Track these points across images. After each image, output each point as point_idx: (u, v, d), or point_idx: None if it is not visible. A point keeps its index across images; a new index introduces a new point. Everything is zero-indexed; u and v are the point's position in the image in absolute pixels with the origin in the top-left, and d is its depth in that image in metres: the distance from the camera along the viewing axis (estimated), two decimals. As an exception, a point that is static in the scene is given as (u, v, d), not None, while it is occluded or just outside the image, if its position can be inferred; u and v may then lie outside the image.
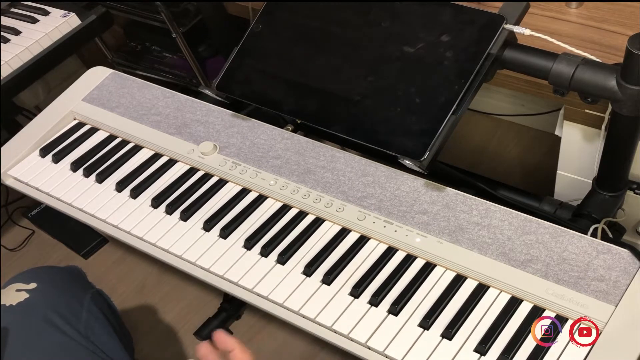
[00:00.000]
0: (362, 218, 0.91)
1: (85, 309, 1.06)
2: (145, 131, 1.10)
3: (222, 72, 1.04)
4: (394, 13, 0.95)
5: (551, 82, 0.84)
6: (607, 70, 0.81)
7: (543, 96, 1.07)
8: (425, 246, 0.87)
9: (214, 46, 1.78)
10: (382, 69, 0.94)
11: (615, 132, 0.92)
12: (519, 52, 0.88)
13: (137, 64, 1.88)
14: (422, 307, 0.83)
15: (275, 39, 1.03)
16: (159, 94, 1.16)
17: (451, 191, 0.91)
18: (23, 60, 1.39)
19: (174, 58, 1.85)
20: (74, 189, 1.06)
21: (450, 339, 0.79)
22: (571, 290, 0.79)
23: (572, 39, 1.03)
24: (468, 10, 0.91)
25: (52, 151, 1.12)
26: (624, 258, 0.80)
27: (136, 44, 1.93)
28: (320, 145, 1.01)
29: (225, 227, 0.95)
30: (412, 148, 0.87)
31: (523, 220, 0.86)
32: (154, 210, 1.00)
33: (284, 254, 0.90)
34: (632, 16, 1.06)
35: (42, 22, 1.46)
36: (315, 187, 0.96)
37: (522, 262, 0.82)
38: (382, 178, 0.95)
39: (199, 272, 0.93)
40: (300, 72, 1.00)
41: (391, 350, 0.79)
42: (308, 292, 0.86)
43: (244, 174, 1.00)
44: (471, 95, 0.87)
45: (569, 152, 1.17)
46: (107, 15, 1.52)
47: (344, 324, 0.82)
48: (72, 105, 1.18)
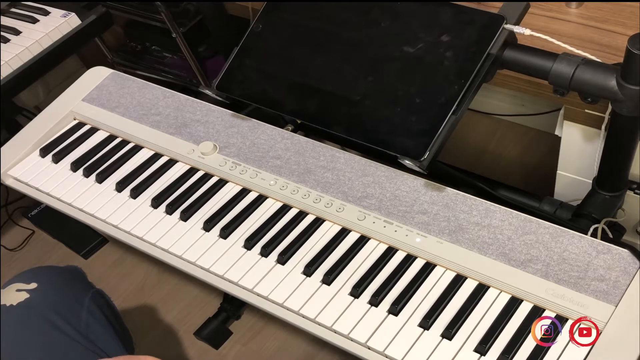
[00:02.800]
0: (362, 218, 0.91)
1: (85, 308, 1.06)
2: (145, 131, 1.10)
3: (222, 72, 1.04)
4: (394, 13, 0.95)
5: (551, 82, 0.84)
6: (607, 70, 0.81)
7: (543, 96, 1.07)
8: (425, 246, 0.87)
9: (214, 46, 1.78)
10: (382, 69, 0.94)
11: (615, 132, 0.92)
12: (519, 52, 0.87)
13: (137, 64, 1.88)
14: (422, 307, 0.83)
15: (276, 39, 1.03)
16: (159, 94, 1.16)
17: (451, 191, 0.91)
18: (23, 60, 1.39)
19: (174, 58, 1.85)
20: (74, 189, 1.06)
21: (450, 339, 0.79)
22: (571, 290, 0.79)
23: (572, 39, 1.03)
24: (468, 10, 0.91)
25: (52, 151, 1.12)
26: (624, 258, 0.80)
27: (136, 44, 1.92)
28: (320, 145, 1.01)
29: (225, 227, 0.95)
30: (412, 148, 0.87)
31: (523, 220, 0.86)
32: (154, 210, 1.00)
33: (284, 254, 0.90)
34: (632, 16, 1.06)
35: (42, 22, 1.46)
36: (315, 187, 0.96)
37: (522, 262, 0.82)
38: (382, 178, 0.95)
39: (199, 272, 0.93)
40: (300, 72, 1.00)
41: (391, 350, 0.79)
42: (308, 292, 0.86)
43: (244, 174, 1.00)
44: (471, 95, 0.87)
45: (569, 152, 1.17)
46: (107, 15, 1.52)
47: (344, 324, 0.82)
48: (72, 105, 1.18)
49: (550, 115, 1.54)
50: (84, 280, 1.19)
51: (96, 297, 1.11)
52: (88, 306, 1.07)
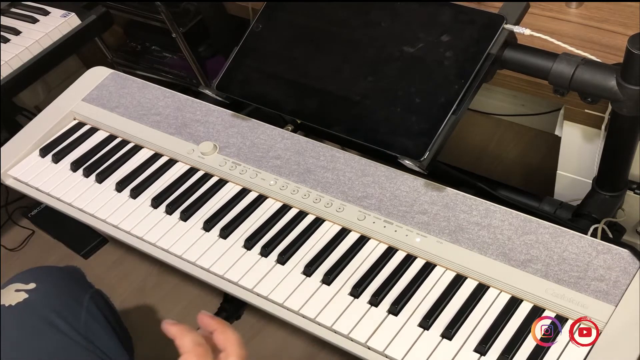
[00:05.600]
0: (362, 218, 0.91)
1: (84, 309, 1.06)
2: (145, 131, 1.10)
3: (222, 72, 1.04)
4: (394, 13, 0.95)
5: (551, 82, 0.84)
6: (607, 70, 0.81)
7: (543, 96, 1.07)
8: (425, 246, 0.87)
9: (214, 46, 1.78)
10: (382, 69, 0.94)
11: (615, 132, 0.92)
12: (519, 52, 0.87)
13: (137, 64, 1.88)
14: (422, 307, 0.82)
15: (275, 39, 1.03)
16: (159, 94, 1.16)
17: (451, 191, 0.91)
18: (23, 60, 1.39)
19: (174, 58, 1.85)
20: (74, 189, 1.06)
21: (450, 339, 0.79)
22: (571, 290, 0.79)
23: (572, 39, 1.03)
24: (468, 10, 0.91)
25: (52, 151, 1.12)
26: (624, 258, 0.80)
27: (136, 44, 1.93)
28: (320, 145, 1.01)
29: (225, 227, 0.95)
30: (412, 148, 0.87)
31: (523, 220, 0.86)
32: (154, 210, 1.00)
33: (284, 254, 0.90)
34: (632, 16, 1.06)
35: (42, 22, 1.46)
36: (315, 187, 0.96)
37: (522, 262, 0.82)
38: (382, 178, 0.95)
39: (199, 272, 0.93)
40: (300, 72, 1.00)
41: (391, 350, 0.79)
42: (308, 292, 0.86)
43: (244, 174, 1.00)
44: (471, 95, 0.87)
45: (569, 152, 1.17)
46: (107, 15, 1.52)
47: (344, 324, 0.82)
48: (72, 105, 1.18)
49: (550, 115, 1.54)
50: (83, 281, 1.19)
51: (95, 297, 1.11)
52: (87, 306, 1.07)
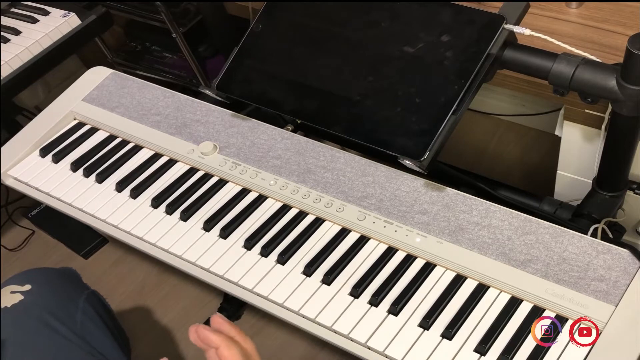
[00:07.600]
0: (362, 218, 0.91)
1: (80, 310, 1.07)
2: (145, 131, 1.10)
3: (222, 72, 1.04)
4: (394, 13, 0.95)
5: (551, 82, 0.84)
6: (607, 70, 0.81)
7: (543, 96, 1.07)
8: (425, 246, 0.87)
9: (214, 46, 1.78)
10: (382, 69, 0.94)
11: (615, 132, 0.92)
12: (519, 52, 0.87)
13: (137, 64, 1.88)
14: (422, 307, 0.83)
15: (276, 39, 1.03)
16: (159, 94, 1.16)
17: (451, 191, 0.91)
18: (23, 60, 1.39)
19: (174, 58, 1.85)
20: (74, 189, 1.06)
21: (450, 339, 0.79)
22: (571, 290, 0.79)
23: (572, 39, 1.03)
24: (468, 11, 0.91)
25: (52, 151, 1.12)
26: (624, 258, 0.80)
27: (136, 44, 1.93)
28: (320, 145, 1.01)
29: (225, 227, 0.95)
30: (412, 148, 0.87)
31: (523, 220, 0.86)
32: (154, 210, 1.00)
33: (284, 254, 0.90)
34: (632, 16, 1.06)
35: (42, 22, 1.46)
36: (315, 187, 0.96)
37: (522, 262, 0.82)
38: (382, 178, 0.95)
39: (199, 272, 0.93)
40: (300, 72, 1.00)
41: (391, 350, 0.79)
42: (308, 292, 0.86)
43: (244, 174, 1.00)
44: (471, 95, 0.87)
45: (569, 152, 1.17)
46: (107, 15, 1.52)
47: (344, 324, 0.82)
48: (72, 105, 1.18)
49: (550, 115, 1.54)
50: (79, 282, 1.19)
51: (91, 298, 1.12)
52: (82, 307, 1.07)
